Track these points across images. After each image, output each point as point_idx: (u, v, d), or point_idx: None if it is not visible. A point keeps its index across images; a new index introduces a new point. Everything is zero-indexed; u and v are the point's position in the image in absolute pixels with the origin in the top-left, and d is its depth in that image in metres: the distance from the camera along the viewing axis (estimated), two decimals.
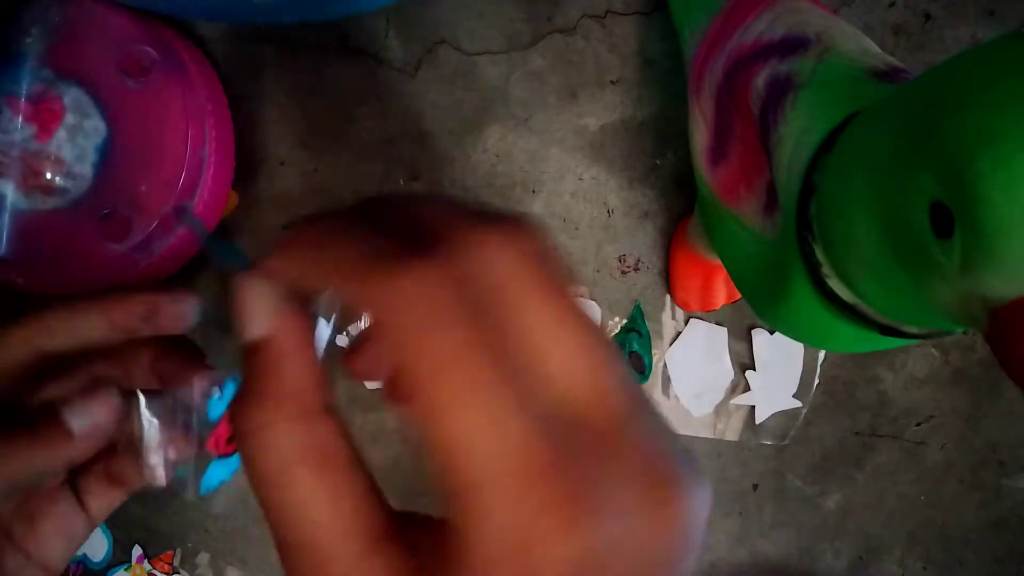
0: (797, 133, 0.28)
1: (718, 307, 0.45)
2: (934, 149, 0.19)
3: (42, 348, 0.24)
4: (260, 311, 0.14)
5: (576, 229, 0.45)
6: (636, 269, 0.46)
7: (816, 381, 0.47)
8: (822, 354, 0.47)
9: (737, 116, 0.32)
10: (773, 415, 0.47)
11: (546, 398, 0.12)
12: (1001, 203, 0.17)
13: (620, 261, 0.46)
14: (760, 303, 0.32)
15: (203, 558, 0.47)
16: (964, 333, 0.46)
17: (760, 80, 0.30)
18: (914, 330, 0.25)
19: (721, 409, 0.47)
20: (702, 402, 0.47)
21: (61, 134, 0.36)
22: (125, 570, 0.47)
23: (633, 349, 0.46)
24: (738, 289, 0.37)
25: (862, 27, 0.44)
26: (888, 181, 0.21)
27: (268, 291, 0.14)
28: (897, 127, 0.21)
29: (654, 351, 0.46)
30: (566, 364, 0.13)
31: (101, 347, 0.24)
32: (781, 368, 0.46)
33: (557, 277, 0.13)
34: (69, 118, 0.36)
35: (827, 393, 0.47)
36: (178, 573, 0.47)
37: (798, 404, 0.47)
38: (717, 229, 0.35)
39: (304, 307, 0.15)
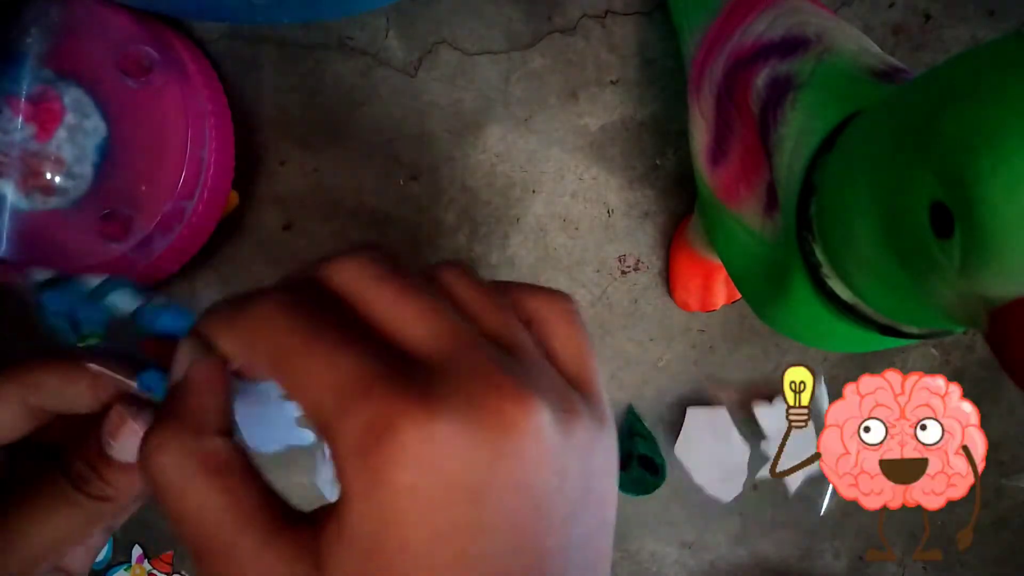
0: (797, 133, 0.28)
1: (718, 307, 0.45)
2: (934, 149, 0.19)
3: (31, 405, 0.24)
4: (179, 363, 0.17)
5: (576, 229, 0.45)
6: (636, 269, 0.46)
7: (824, 426, 0.47)
8: (824, 403, 0.47)
9: (737, 116, 0.32)
10: (803, 480, 0.46)
11: (397, 349, 0.15)
12: (1001, 203, 0.17)
13: (620, 261, 0.46)
14: (760, 303, 0.32)
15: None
16: (964, 333, 0.46)
17: (760, 80, 0.30)
18: (914, 330, 0.25)
19: (752, 484, 0.46)
20: (731, 485, 0.46)
21: (61, 134, 0.36)
22: (125, 570, 0.47)
23: (640, 453, 0.45)
24: (738, 289, 0.37)
25: (862, 27, 0.44)
26: (888, 181, 0.21)
27: (191, 346, 0.17)
28: (897, 127, 0.21)
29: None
30: (406, 321, 0.15)
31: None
32: (795, 433, 0.46)
33: (389, 271, 0.16)
34: (69, 118, 0.36)
35: (828, 394, 0.47)
36: (178, 573, 0.47)
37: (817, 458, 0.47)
38: (717, 229, 0.35)
39: (222, 359, 0.17)
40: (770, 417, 0.46)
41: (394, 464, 0.14)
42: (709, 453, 0.46)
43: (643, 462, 0.45)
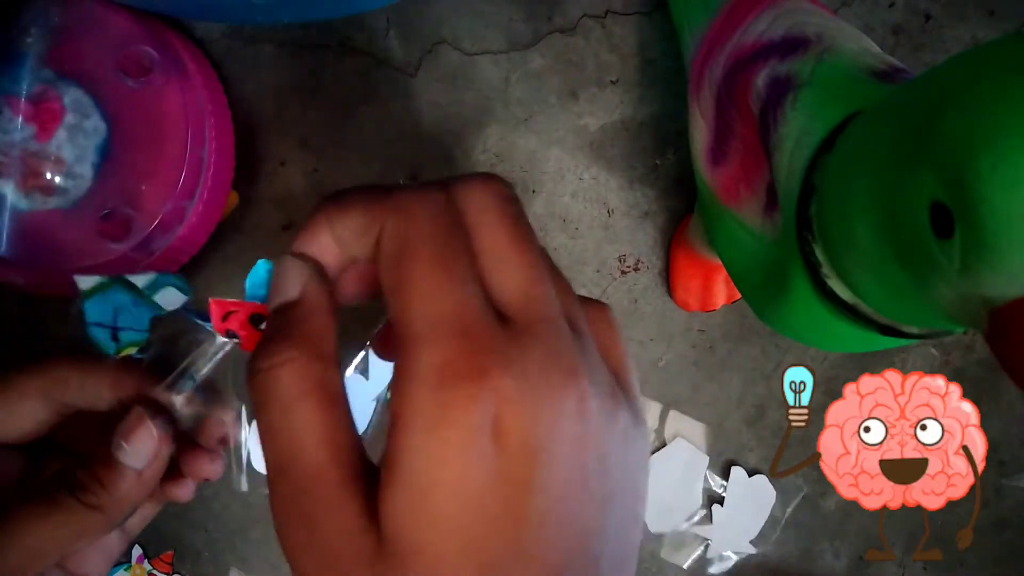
0: (797, 133, 0.28)
1: (718, 307, 0.45)
2: (934, 149, 0.19)
3: (53, 400, 0.24)
4: (290, 281, 0.17)
5: (576, 229, 0.45)
6: (636, 269, 0.46)
7: (777, 534, 0.47)
8: (790, 510, 0.47)
9: (737, 116, 0.32)
10: (725, 555, 0.47)
11: (488, 294, 0.16)
12: (1001, 203, 0.17)
13: (620, 261, 0.46)
14: (760, 303, 0.32)
15: (203, 558, 0.47)
16: (964, 333, 0.46)
17: (760, 80, 0.30)
18: (914, 330, 0.25)
19: (677, 534, 0.47)
20: (662, 520, 0.47)
21: (61, 134, 0.36)
22: (125, 570, 0.47)
23: None
24: (738, 289, 0.37)
25: (862, 27, 0.44)
26: (888, 181, 0.21)
27: (298, 266, 0.17)
28: (897, 127, 0.21)
29: None
30: (509, 275, 0.16)
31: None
32: (748, 511, 0.47)
33: (516, 212, 0.17)
34: (69, 118, 0.36)
35: (827, 393, 0.47)
36: (178, 573, 0.47)
37: (753, 551, 0.47)
38: (717, 229, 0.35)
39: (329, 283, 0.18)
40: (739, 487, 0.47)
41: (464, 405, 0.14)
42: (668, 484, 0.46)
43: None
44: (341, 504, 0.15)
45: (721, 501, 0.47)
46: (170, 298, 0.23)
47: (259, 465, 0.27)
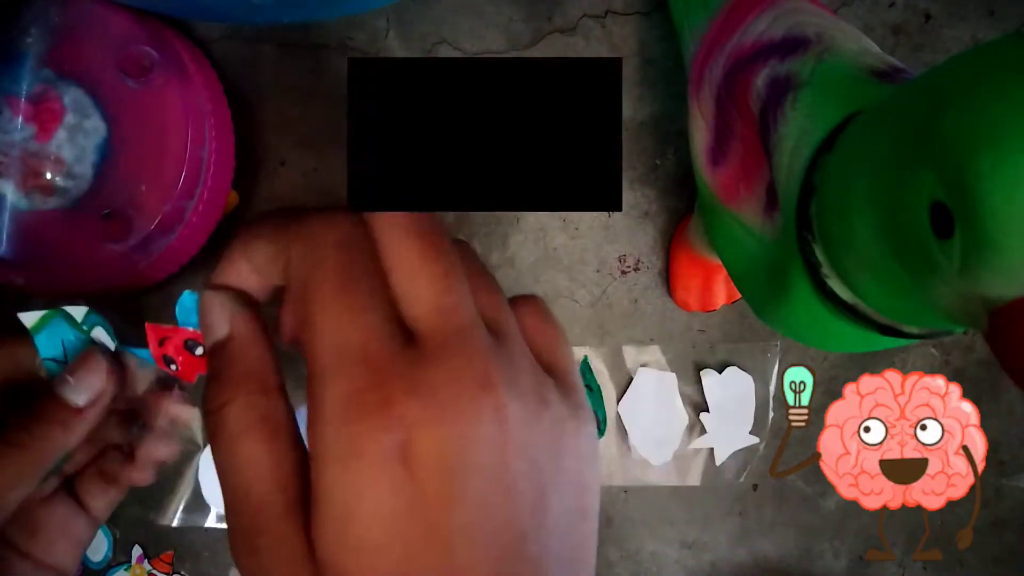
0: (797, 133, 0.28)
1: (718, 307, 0.45)
2: (934, 149, 0.19)
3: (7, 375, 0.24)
4: (217, 319, 0.18)
5: (576, 229, 0.45)
6: (636, 269, 0.46)
7: (771, 414, 0.47)
8: (772, 385, 0.47)
9: (737, 116, 0.32)
10: (733, 454, 0.47)
11: (401, 313, 0.16)
12: (1001, 203, 0.17)
13: (620, 261, 0.46)
14: (760, 303, 0.32)
15: (203, 558, 0.47)
16: (964, 333, 0.46)
17: (760, 80, 0.30)
18: (914, 330, 0.25)
19: (680, 455, 0.47)
20: (661, 450, 0.46)
21: (61, 134, 0.36)
22: (125, 570, 0.47)
23: None
24: (738, 289, 0.37)
25: (862, 27, 0.44)
26: (888, 181, 0.21)
27: (219, 301, 0.18)
28: (897, 127, 0.21)
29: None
30: (419, 290, 0.16)
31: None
32: (734, 406, 0.46)
33: (425, 222, 0.17)
34: (69, 118, 0.36)
35: (827, 393, 0.47)
36: (178, 573, 0.47)
37: (756, 440, 0.47)
38: (717, 229, 0.35)
39: (255, 310, 0.18)
40: (716, 388, 0.46)
41: (372, 435, 0.14)
42: (649, 416, 0.46)
43: None
44: (283, 534, 0.15)
45: (707, 408, 0.46)
46: (102, 335, 0.23)
47: None
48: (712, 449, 0.47)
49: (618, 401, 0.46)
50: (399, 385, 0.15)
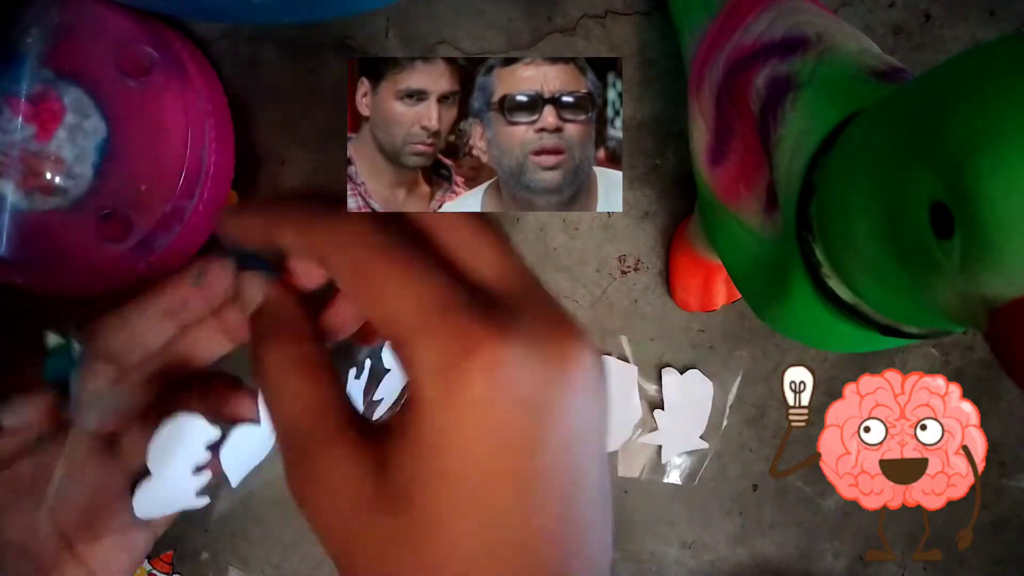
0: (797, 133, 0.28)
1: (718, 307, 0.45)
2: (934, 149, 0.19)
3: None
4: (253, 291, 0.20)
5: (576, 229, 0.45)
6: (636, 269, 0.46)
7: (725, 423, 0.47)
8: (731, 396, 0.47)
9: (737, 116, 0.32)
10: (680, 455, 0.47)
11: (462, 278, 0.17)
12: (1001, 204, 0.17)
13: (620, 261, 0.46)
14: (760, 303, 0.32)
15: (203, 558, 0.47)
16: (964, 333, 0.46)
17: (760, 80, 0.30)
18: (914, 330, 0.25)
19: (627, 447, 0.47)
20: (610, 439, 0.46)
21: (61, 134, 0.36)
22: None
23: None
24: (738, 289, 0.37)
25: (862, 27, 0.44)
26: (888, 181, 0.21)
27: (253, 276, 0.21)
28: (897, 127, 0.21)
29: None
30: (477, 259, 0.17)
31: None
32: (690, 409, 0.47)
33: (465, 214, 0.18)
34: (69, 118, 0.36)
35: (827, 393, 0.47)
36: (178, 573, 0.47)
37: (705, 445, 0.47)
38: (717, 229, 0.35)
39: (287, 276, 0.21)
40: (674, 387, 0.46)
41: (470, 380, 0.15)
42: None
43: None
44: (337, 455, 0.17)
45: (661, 405, 0.47)
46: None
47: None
48: (660, 447, 0.47)
49: None
50: (490, 333, 0.15)
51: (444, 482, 0.15)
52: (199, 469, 0.25)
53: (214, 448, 0.25)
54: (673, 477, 0.47)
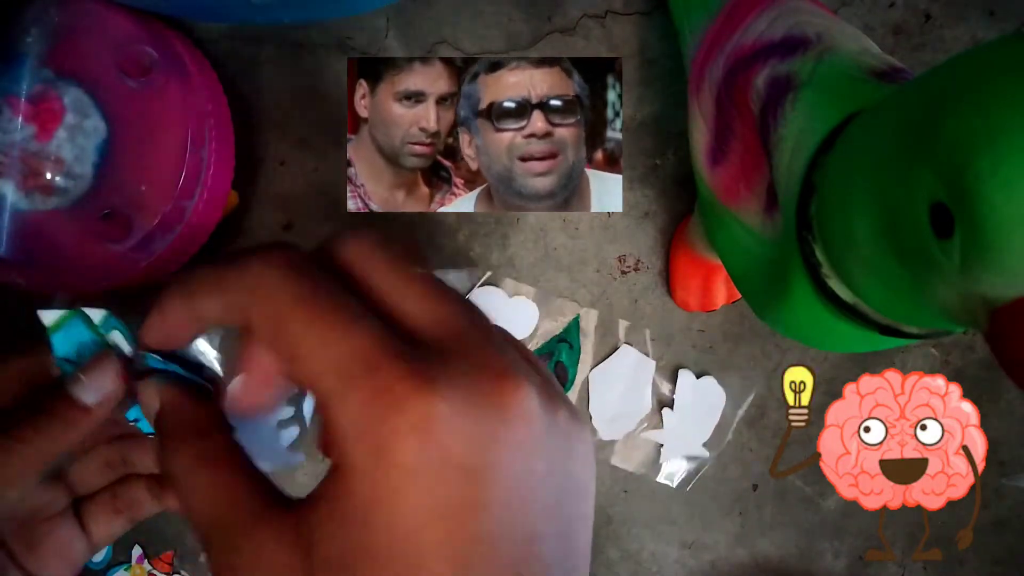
0: (797, 133, 0.28)
1: (718, 307, 0.45)
2: (934, 149, 0.19)
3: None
4: (149, 402, 0.19)
5: (576, 229, 0.45)
6: (636, 269, 0.46)
7: (729, 437, 0.47)
8: (741, 411, 0.47)
9: (737, 116, 0.32)
10: (680, 457, 0.47)
11: (393, 327, 0.15)
12: (1001, 203, 0.17)
13: (620, 261, 0.46)
14: (760, 303, 0.32)
15: (203, 558, 0.47)
16: (964, 333, 0.46)
17: (760, 80, 0.30)
18: (914, 330, 0.25)
19: (629, 439, 0.47)
20: (613, 427, 0.47)
21: (61, 134, 0.36)
22: (125, 570, 0.47)
23: (560, 359, 0.46)
24: (738, 289, 0.37)
25: (862, 27, 0.44)
26: (888, 181, 0.21)
27: (146, 384, 0.19)
28: (897, 127, 0.21)
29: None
30: (412, 303, 0.16)
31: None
32: (699, 414, 0.47)
33: (393, 256, 0.17)
34: (69, 118, 0.36)
35: (827, 393, 0.47)
36: (178, 573, 0.47)
37: (706, 454, 0.47)
38: (717, 229, 0.35)
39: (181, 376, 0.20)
40: (688, 390, 0.46)
41: (398, 442, 0.14)
42: (616, 391, 0.46)
43: (558, 368, 0.46)
44: (257, 543, 0.15)
45: (671, 405, 0.47)
46: (118, 339, 0.23)
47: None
48: (661, 446, 0.47)
49: (592, 367, 0.46)
50: (418, 387, 0.14)
51: (374, 560, 0.14)
52: None
53: None
54: (666, 478, 0.47)
